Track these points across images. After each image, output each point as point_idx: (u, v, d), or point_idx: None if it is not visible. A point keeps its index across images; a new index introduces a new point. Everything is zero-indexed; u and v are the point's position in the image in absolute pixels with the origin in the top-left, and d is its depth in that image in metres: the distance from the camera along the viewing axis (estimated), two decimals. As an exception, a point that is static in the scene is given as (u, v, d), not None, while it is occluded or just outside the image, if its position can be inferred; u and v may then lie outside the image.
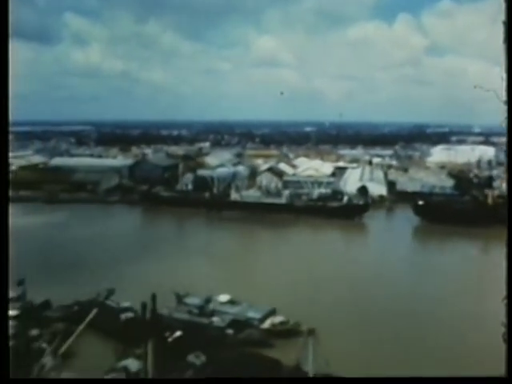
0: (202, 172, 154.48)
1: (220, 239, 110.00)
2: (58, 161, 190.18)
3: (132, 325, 58.42)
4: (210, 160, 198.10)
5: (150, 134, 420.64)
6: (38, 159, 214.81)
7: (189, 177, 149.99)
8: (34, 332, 53.69)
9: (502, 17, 20.67)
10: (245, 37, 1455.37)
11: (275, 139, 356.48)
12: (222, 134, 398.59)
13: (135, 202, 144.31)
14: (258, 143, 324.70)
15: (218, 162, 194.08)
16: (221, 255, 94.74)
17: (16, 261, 73.38)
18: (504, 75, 21.04)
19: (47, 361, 42.48)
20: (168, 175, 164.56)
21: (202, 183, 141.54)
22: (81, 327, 44.01)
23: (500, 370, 20.13)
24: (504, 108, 21.19)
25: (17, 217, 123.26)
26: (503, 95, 20.98)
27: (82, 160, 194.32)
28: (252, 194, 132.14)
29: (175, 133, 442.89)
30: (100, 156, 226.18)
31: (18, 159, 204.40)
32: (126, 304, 64.00)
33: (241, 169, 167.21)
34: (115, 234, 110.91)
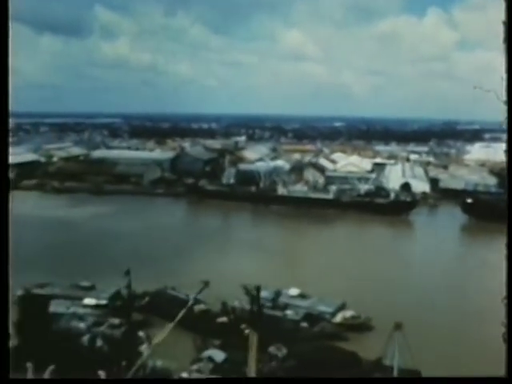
0: (244, 166, 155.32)
1: (268, 233, 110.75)
2: (99, 153, 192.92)
3: (205, 316, 59.55)
4: (248, 154, 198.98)
5: (180, 127, 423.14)
6: (77, 151, 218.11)
7: (231, 170, 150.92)
8: (116, 321, 54.95)
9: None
10: (272, 30, 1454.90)
11: (307, 134, 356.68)
12: (254, 128, 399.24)
13: (180, 194, 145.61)
14: (291, 138, 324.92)
15: (257, 157, 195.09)
16: (270, 249, 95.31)
17: (69, 252, 75.17)
18: (504, 75, 20.90)
19: (144, 349, 43.68)
20: (210, 168, 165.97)
21: (247, 177, 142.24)
22: (176, 319, 45.09)
23: None
24: (504, 108, 21.42)
25: (64, 208, 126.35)
26: (503, 95, 21.26)
27: (124, 152, 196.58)
28: (299, 189, 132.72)
29: (205, 126, 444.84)
30: (137, 149, 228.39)
31: (58, 151, 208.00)
32: (198, 296, 64.79)
33: (281, 163, 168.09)
34: (164, 226, 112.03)
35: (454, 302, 68.62)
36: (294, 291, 63.89)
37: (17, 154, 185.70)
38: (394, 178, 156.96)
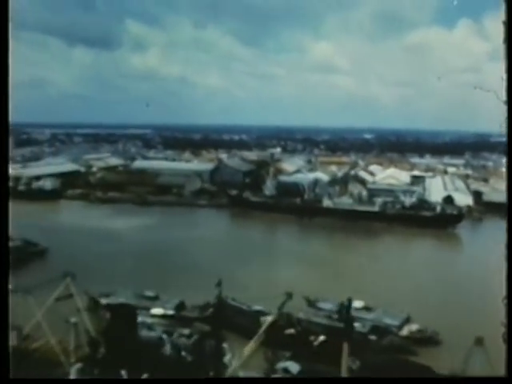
0: (286, 178, 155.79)
1: (314, 246, 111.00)
2: (139, 164, 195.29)
3: (274, 328, 59.80)
4: (286, 166, 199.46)
5: (212, 139, 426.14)
6: (115, 161, 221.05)
7: (272, 182, 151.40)
8: (185, 331, 55.65)
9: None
10: (301, 42, 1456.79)
11: (339, 146, 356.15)
12: (285, 140, 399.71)
13: (223, 205, 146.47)
14: (324, 150, 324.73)
15: (294, 168, 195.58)
16: (316, 262, 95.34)
17: (118, 262, 76.13)
18: (504, 75, 21.62)
19: (228, 360, 44.23)
20: (249, 180, 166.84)
21: (290, 189, 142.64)
22: (260, 331, 45.66)
23: None
24: (504, 108, 21.48)
25: (109, 218, 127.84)
26: (503, 95, 21.30)
27: (164, 163, 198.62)
28: (345, 202, 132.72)
29: (236, 137, 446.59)
30: (174, 159, 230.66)
31: (96, 161, 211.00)
32: (258, 307, 65.37)
33: (320, 175, 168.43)
34: (209, 238, 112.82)
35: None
36: (358, 303, 63.98)
37: (58, 164, 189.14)
38: (435, 190, 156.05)
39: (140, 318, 59.54)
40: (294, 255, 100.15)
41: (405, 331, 60.15)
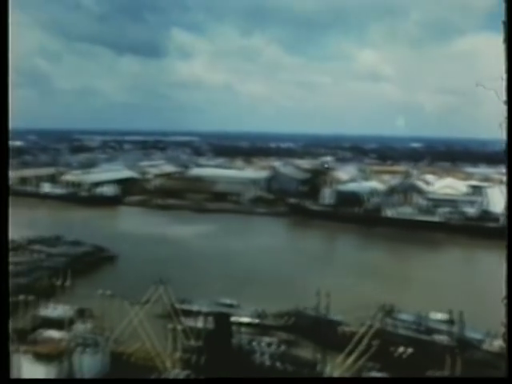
0: (344, 187, 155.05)
1: (376, 256, 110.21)
2: (196, 171, 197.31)
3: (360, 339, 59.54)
4: (340, 175, 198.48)
5: (259, 147, 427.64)
6: (169, 168, 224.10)
7: (329, 191, 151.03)
8: (268, 340, 55.95)
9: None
10: (347, 50, 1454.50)
11: (388, 155, 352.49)
12: (333, 149, 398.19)
13: (282, 213, 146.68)
14: (374, 159, 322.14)
15: (347, 177, 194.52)
16: (381, 272, 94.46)
17: (178, 269, 76.69)
18: (504, 75, 20.99)
19: (320, 369, 44.42)
20: (306, 188, 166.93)
21: (349, 198, 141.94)
22: (353, 342, 45.61)
23: None
24: (504, 108, 21.17)
25: (169, 225, 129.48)
26: (503, 95, 20.86)
27: (220, 171, 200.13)
28: (405, 211, 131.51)
29: (283, 145, 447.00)
30: (226, 167, 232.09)
31: (151, 168, 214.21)
32: (338, 317, 65.23)
33: (375, 184, 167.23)
34: (269, 246, 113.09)
35: None
36: (438, 315, 63.27)
37: (115, 171, 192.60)
38: (495, 201, 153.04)
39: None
40: (353, 265, 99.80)
41: (489, 345, 59.14)
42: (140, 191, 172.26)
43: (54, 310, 48.35)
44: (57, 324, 47.21)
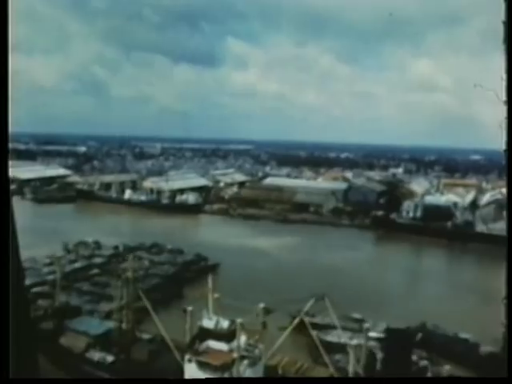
0: (431, 200, 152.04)
1: (469, 272, 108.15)
2: (271, 180, 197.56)
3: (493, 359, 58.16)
4: (415, 187, 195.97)
5: (317, 156, 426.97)
6: (239, 177, 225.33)
7: (411, 204, 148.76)
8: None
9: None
10: (402, 60, 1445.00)
11: (452, 167, 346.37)
12: (392, 160, 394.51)
13: (365, 226, 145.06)
14: (439, 171, 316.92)
15: (422, 190, 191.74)
16: (474, 288, 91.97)
17: (278, 280, 75.76)
18: (504, 75, 21.39)
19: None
20: (384, 201, 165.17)
21: (439, 212, 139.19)
22: None
23: None
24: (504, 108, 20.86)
25: (251, 236, 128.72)
26: (503, 95, 20.93)
27: (299, 181, 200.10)
28: (499, 227, 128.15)
29: (343, 155, 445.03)
30: (296, 177, 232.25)
31: (223, 176, 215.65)
32: (465, 335, 63.97)
33: (453, 198, 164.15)
34: (357, 259, 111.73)
35: None
36: None
37: (190, 179, 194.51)
38: None
39: (355, 341, 59.83)
40: (444, 280, 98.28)
41: None
42: (217, 200, 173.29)
43: (209, 320, 48.45)
44: (216, 335, 47.30)
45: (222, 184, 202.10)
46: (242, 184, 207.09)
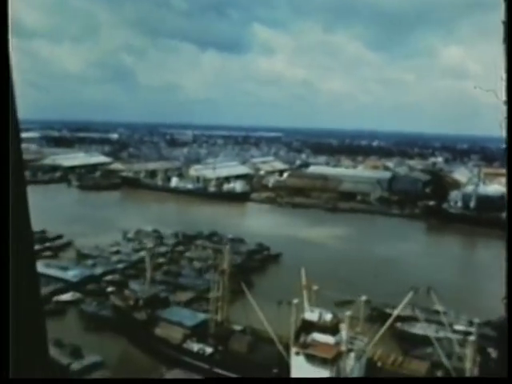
0: (484, 190, 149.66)
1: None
2: (315, 169, 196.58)
3: None
4: (457, 177, 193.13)
5: (348, 143, 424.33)
6: (278, 165, 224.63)
7: (459, 193, 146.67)
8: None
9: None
10: (432, 47, 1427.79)
11: (489, 156, 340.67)
12: (424, 148, 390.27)
13: (415, 215, 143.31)
14: (478, 160, 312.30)
15: (464, 179, 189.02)
16: None
17: (337, 270, 74.67)
18: (504, 75, 19.34)
19: None
20: (431, 190, 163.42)
21: (494, 202, 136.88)
22: None
23: None
24: (504, 108, 19.27)
25: (303, 225, 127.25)
26: (503, 95, 19.01)
27: (340, 170, 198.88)
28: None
29: (374, 143, 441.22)
30: (335, 165, 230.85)
31: (263, 164, 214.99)
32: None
33: (501, 188, 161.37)
34: (412, 250, 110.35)
35: None
36: None
37: (233, 167, 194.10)
38: None
39: (441, 333, 59.24)
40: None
41: None
42: (261, 188, 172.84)
43: (312, 312, 48.10)
44: (320, 328, 46.95)
45: (262, 172, 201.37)
46: (281, 172, 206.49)
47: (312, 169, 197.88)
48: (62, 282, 74.85)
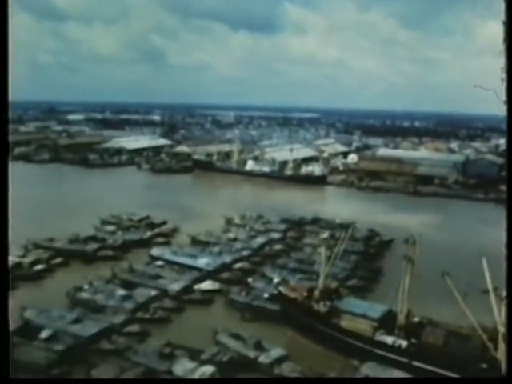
0: None
1: None
2: (384, 152, 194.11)
3: None
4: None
5: (391, 124, 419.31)
6: (339, 148, 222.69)
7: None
8: None
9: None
10: (468, 24, 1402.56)
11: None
12: (472, 129, 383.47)
13: (500, 199, 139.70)
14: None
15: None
16: None
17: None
18: (504, 75, 21.18)
19: None
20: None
21: None
22: None
23: None
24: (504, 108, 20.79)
25: (384, 211, 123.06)
26: (503, 95, 20.74)
27: (420, 153, 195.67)
28: None
29: (417, 124, 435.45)
30: (395, 147, 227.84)
31: (326, 147, 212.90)
32: None
33: None
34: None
35: None
36: None
37: (298, 150, 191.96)
38: None
39: None
40: None
41: None
42: (332, 171, 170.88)
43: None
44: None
45: (325, 154, 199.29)
46: (345, 154, 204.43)
47: (382, 152, 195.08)
48: (195, 270, 73.85)
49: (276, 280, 67.20)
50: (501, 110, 25.84)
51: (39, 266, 74.49)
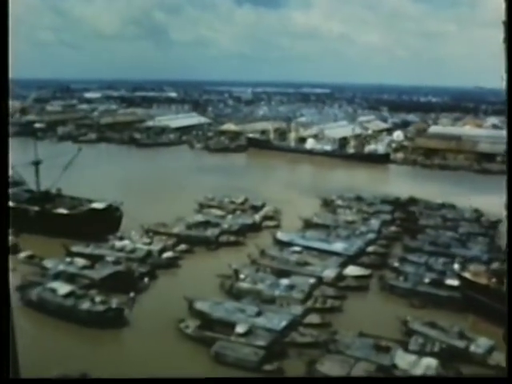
0: None
1: None
2: (435, 129, 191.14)
3: None
4: None
5: (403, 99, 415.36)
6: (380, 124, 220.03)
7: None
8: None
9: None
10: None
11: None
12: (490, 105, 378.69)
13: None
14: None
15: None
16: None
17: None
18: (504, 75, 21.14)
19: None
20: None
21: None
22: None
23: None
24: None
25: (461, 193, 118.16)
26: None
27: (477, 130, 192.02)
28: None
29: (422, 99, 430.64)
30: (435, 124, 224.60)
31: (369, 123, 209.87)
32: None
33: None
34: None
35: None
36: None
37: (343, 127, 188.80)
38: None
39: None
40: None
41: None
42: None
43: None
44: None
45: (370, 131, 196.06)
46: (388, 131, 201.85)
47: (433, 129, 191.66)
48: (333, 255, 71.58)
49: (456, 266, 64.69)
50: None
51: (168, 254, 71.95)
